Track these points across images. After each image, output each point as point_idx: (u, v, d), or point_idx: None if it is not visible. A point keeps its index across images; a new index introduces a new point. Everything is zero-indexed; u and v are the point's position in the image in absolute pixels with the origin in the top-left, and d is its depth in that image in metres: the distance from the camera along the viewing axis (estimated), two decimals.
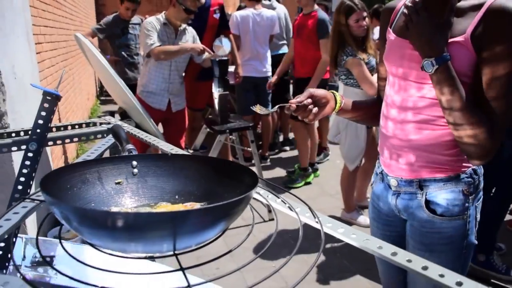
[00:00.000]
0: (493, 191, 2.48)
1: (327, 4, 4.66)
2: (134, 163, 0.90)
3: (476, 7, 1.06)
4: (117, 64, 4.43)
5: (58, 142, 1.40)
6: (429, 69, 1.09)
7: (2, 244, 1.11)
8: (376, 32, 3.82)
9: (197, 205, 0.82)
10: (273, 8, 4.60)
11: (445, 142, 1.16)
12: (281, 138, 5.32)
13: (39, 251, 1.47)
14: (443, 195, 1.20)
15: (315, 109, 1.18)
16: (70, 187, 0.78)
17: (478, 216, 1.26)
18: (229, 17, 4.40)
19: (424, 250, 1.26)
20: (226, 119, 3.16)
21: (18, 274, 1.21)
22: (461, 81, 1.08)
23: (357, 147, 3.07)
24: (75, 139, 1.44)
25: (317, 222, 0.74)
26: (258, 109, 1.18)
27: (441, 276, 0.53)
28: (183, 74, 3.40)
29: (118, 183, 0.87)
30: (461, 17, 1.08)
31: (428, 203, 1.22)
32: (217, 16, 3.84)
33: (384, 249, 0.62)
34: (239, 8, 5.08)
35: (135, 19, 4.59)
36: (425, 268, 0.55)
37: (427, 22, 1.08)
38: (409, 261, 0.58)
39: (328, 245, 2.87)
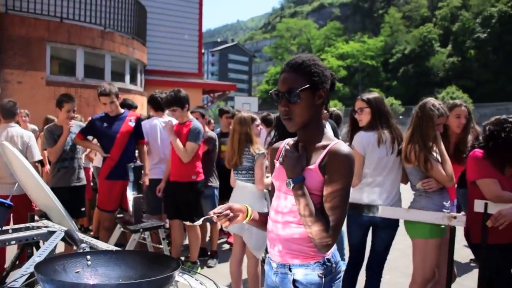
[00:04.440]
0: None
1: (203, 112, 5.17)
2: (88, 257, 1.29)
3: (324, 147, 1.67)
4: None
5: (6, 244, 1.69)
6: (289, 186, 1.65)
7: None
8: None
9: None
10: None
11: (303, 237, 1.67)
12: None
13: None
14: (304, 276, 1.69)
15: (232, 217, 1.64)
16: (47, 275, 1.15)
17: None
18: None
19: None
20: (140, 219, 3.50)
21: None
22: (314, 195, 1.64)
23: (263, 236, 3.49)
24: (20, 242, 1.74)
25: None
26: (188, 222, 1.58)
27: None
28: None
29: (77, 272, 1.24)
30: (315, 152, 1.69)
31: (294, 281, 1.70)
32: (132, 124, 4.28)
33: None
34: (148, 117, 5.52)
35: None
36: None
37: (293, 157, 1.67)
38: None
39: None
